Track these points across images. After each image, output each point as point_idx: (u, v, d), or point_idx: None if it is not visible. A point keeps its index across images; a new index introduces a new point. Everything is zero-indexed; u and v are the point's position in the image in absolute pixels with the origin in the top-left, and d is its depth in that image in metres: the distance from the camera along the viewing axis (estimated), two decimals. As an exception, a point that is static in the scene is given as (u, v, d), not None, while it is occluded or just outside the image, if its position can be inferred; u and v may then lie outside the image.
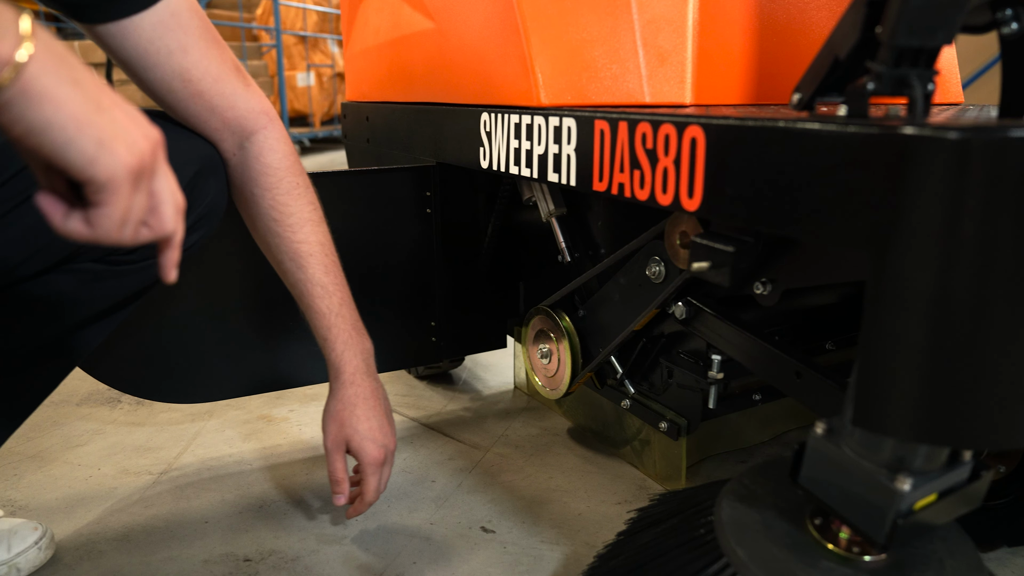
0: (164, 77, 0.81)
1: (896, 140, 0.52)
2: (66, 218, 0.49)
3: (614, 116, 0.80)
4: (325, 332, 0.95)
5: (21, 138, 0.45)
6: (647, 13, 0.95)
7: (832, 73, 0.64)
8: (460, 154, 1.13)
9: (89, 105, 0.46)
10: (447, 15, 1.13)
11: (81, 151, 0.45)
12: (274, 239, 0.92)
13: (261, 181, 0.90)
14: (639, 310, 1.02)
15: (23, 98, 0.43)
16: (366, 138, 1.54)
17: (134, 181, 0.49)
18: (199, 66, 0.82)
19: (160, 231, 0.53)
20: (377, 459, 0.95)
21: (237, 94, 0.87)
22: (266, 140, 0.89)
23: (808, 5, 1.09)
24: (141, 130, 0.49)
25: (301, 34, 5.85)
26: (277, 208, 0.91)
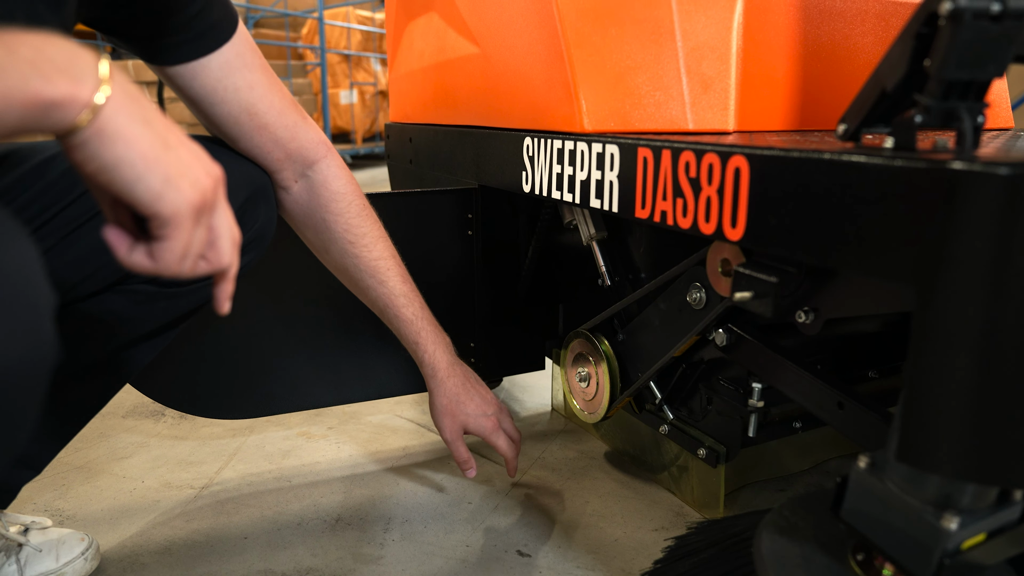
0: (232, 112, 0.85)
1: (945, 175, 0.52)
2: (131, 251, 0.51)
3: (657, 144, 0.81)
4: (415, 337, 1.04)
5: (93, 175, 0.47)
6: (691, 40, 0.95)
7: (879, 105, 0.64)
8: (502, 177, 1.14)
9: (158, 143, 0.48)
10: (492, 41, 1.15)
11: (148, 188, 0.48)
12: (352, 260, 0.98)
13: (332, 208, 0.94)
14: (679, 336, 1.01)
15: (98, 138, 0.46)
16: (409, 159, 1.56)
17: (196, 217, 0.51)
18: (264, 100, 0.87)
19: (217, 264, 0.55)
20: (494, 427, 1.06)
21: (298, 126, 0.91)
22: (328, 168, 0.94)
23: (853, 31, 1.08)
24: (204, 167, 0.52)
25: (345, 53, 5.95)
26: (351, 231, 0.96)
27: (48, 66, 0.44)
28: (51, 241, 0.78)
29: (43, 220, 0.77)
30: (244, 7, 5.67)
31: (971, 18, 0.54)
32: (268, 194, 0.90)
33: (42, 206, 0.76)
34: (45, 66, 0.44)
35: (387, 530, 1.06)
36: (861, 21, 1.10)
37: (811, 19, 1.06)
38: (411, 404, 1.51)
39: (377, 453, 1.30)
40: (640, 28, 0.96)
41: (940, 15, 0.55)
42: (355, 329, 1.20)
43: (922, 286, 0.54)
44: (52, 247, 0.78)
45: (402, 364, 1.24)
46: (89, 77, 0.45)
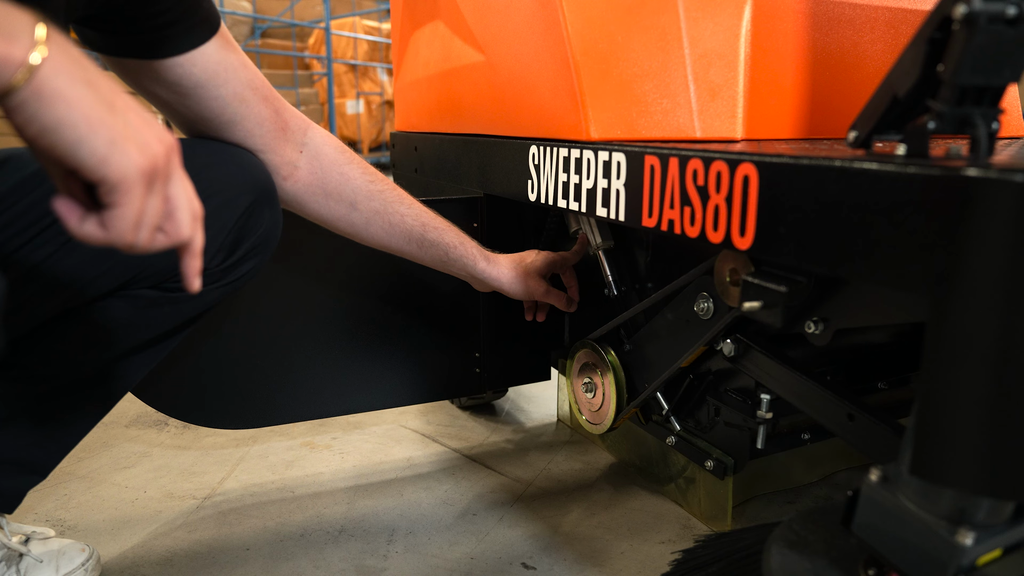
0: (236, 90, 0.85)
1: (959, 182, 0.51)
2: (82, 221, 0.49)
3: (664, 152, 0.80)
4: (462, 251, 1.07)
5: (35, 138, 0.46)
6: (699, 48, 0.95)
7: (890, 111, 0.63)
8: (508, 186, 1.13)
9: (101, 105, 0.47)
10: (498, 49, 1.14)
11: (92, 150, 0.46)
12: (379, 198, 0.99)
13: (341, 159, 0.97)
14: (687, 346, 1.00)
15: (36, 98, 0.45)
16: (415, 168, 1.55)
17: (147, 183, 0.49)
18: (259, 75, 0.88)
19: (176, 237, 0.54)
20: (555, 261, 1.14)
21: (286, 104, 0.93)
22: (318, 131, 0.97)
23: (863, 38, 1.07)
24: (155, 133, 0.50)
25: (351, 63, 5.97)
26: (368, 173, 0.99)
27: None
28: (52, 247, 0.77)
29: (43, 225, 0.76)
30: (251, 17, 5.69)
31: (986, 22, 0.53)
32: (272, 197, 0.89)
33: (42, 211, 0.76)
34: None
35: (391, 542, 1.05)
36: (871, 28, 1.09)
37: (820, 26, 1.05)
38: (416, 414, 1.50)
39: (381, 464, 1.29)
40: (647, 35, 0.95)
41: (954, 19, 0.54)
42: (360, 339, 1.19)
43: (936, 296, 0.53)
44: (53, 253, 0.77)
45: (407, 374, 1.23)
46: (23, 36, 0.44)
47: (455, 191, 1.32)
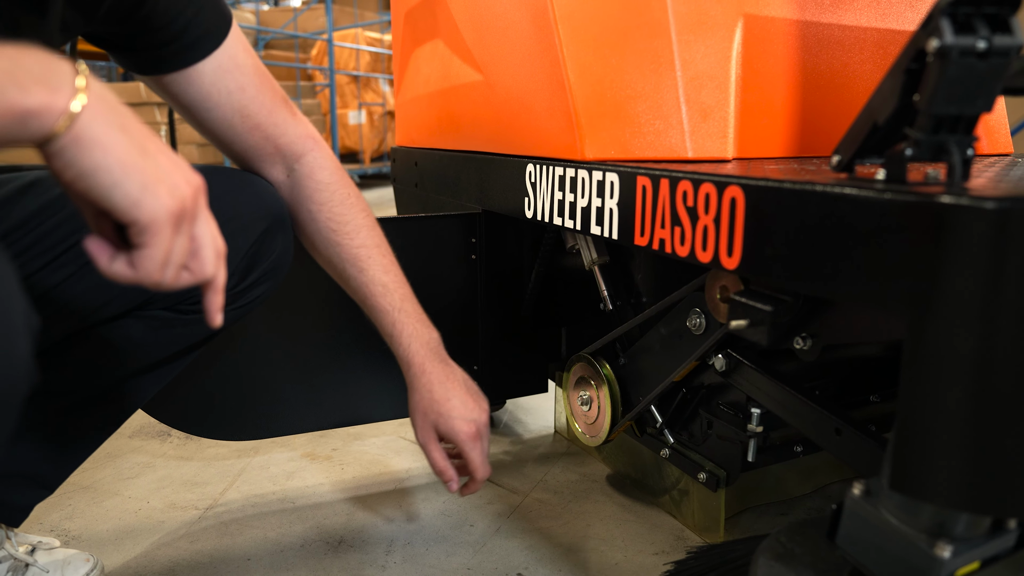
0: (225, 116, 0.86)
1: (934, 208, 0.53)
2: (111, 261, 0.52)
3: (656, 173, 0.82)
4: (390, 328, 0.97)
5: (71, 182, 0.48)
6: (690, 70, 0.97)
7: (871, 137, 0.65)
8: (505, 203, 1.15)
9: (135, 150, 0.49)
10: (495, 69, 1.16)
11: (126, 194, 0.49)
12: (334, 248, 0.96)
13: (316, 197, 0.94)
14: (679, 360, 1.02)
15: (75, 145, 0.47)
16: (415, 182, 1.58)
17: (175, 224, 0.52)
18: (255, 101, 0.88)
19: (200, 275, 0.56)
20: (470, 433, 0.96)
21: (287, 122, 0.92)
22: (315, 160, 0.95)
23: (851, 59, 1.10)
24: (184, 175, 0.53)
25: (354, 74, 6.01)
26: (334, 219, 0.95)
27: (25, 76, 0.45)
28: (72, 268, 0.79)
29: (66, 247, 0.79)
30: (255, 29, 5.74)
31: (958, 55, 0.56)
32: (285, 224, 0.92)
33: (65, 232, 0.78)
34: (22, 76, 0.45)
35: (389, 552, 1.07)
36: (859, 49, 1.11)
37: (809, 48, 1.07)
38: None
39: (380, 475, 1.31)
40: (640, 58, 0.97)
41: (928, 52, 0.57)
42: (359, 351, 1.21)
43: (913, 317, 0.55)
44: (73, 273, 0.80)
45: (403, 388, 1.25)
46: (65, 86, 0.47)
47: (454, 206, 1.34)
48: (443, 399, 0.96)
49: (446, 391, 0.96)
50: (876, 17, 1.13)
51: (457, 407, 0.96)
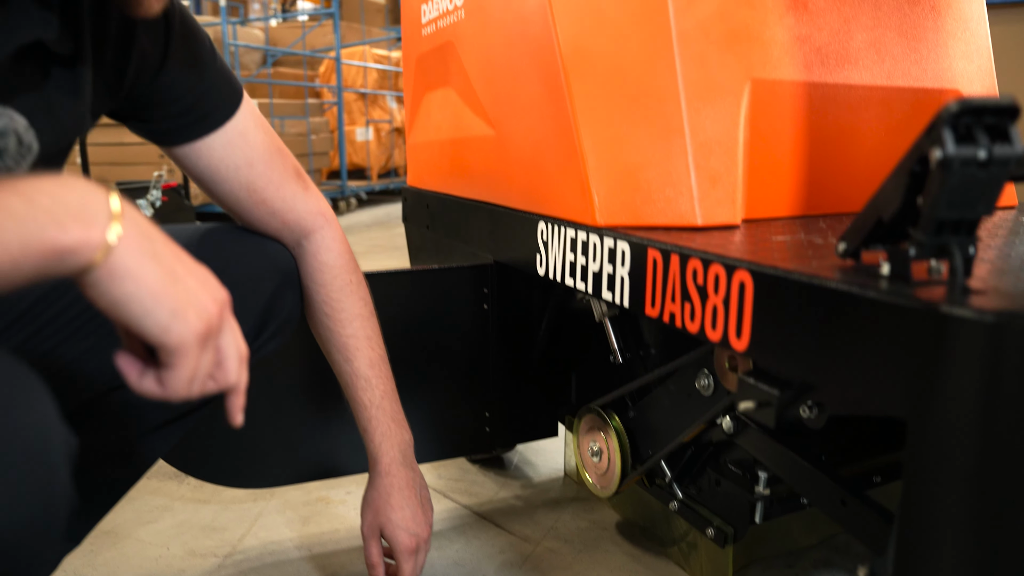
0: (232, 189, 0.89)
1: (934, 317, 0.55)
2: (141, 378, 0.55)
3: (667, 248, 0.84)
4: (365, 423, 1.02)
5: (105, 309, 0.51)
6: (699, 136, 0.99)
7: (876, 230, 0.67)
8: (517, 257, 1.18)
9: (165, 277, 0.51)
10: (508, 126, 1.19)
11: (156, 322, 0.51)
12: (325, 331, 0.99)
13: (316, 277, 0.96)
14: (688, 419, 1.04)
15: (109, 277, 0.49)
16: (426, 224, 1.60)
17: (202, 344, 0.54)
18: (263, 176, 0.90)
19: (224, 383, 0.59)
20: (408, 547, 1.01)
21: (297, 197, 0.94)
22: (323, 240, 0.97)
23: (858, 117, 1.12)
24: (211, 294, 0.55)
25: (361, 91, 6.05)
26: (329, 303, 0.97)
27: (63, 213, 0.47)
28: (92, 340, 0.82)
29: (86, 318, 0.82)
30: (263, 48, 5.78)
31: (959, 166, 0.58)
32: (295, 282, 0.94)
33: (85, 305, 0.81)
34: (61, 213, 0.47)
35: (404, 604, 1.09)
36: (865, 107, 1.14)
37: (815, 108, 1.09)
38: (426, 467, 1.54)
39: (394, 519, 1.33)
40: (650, 124, 1.00)
41: (931, 160, 0.59)
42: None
43: (914, 420, 0.57)
44: (93, 346, 0.82)
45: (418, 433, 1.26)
46: (101, 218, 0.49)
47: (465, 251, 1.37)
48: (397, 506, 1.02)
49: (402, 499, 1.02)
50: (882, 75, 1.16)
51: (406, 518, 1.01)
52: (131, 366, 0.54)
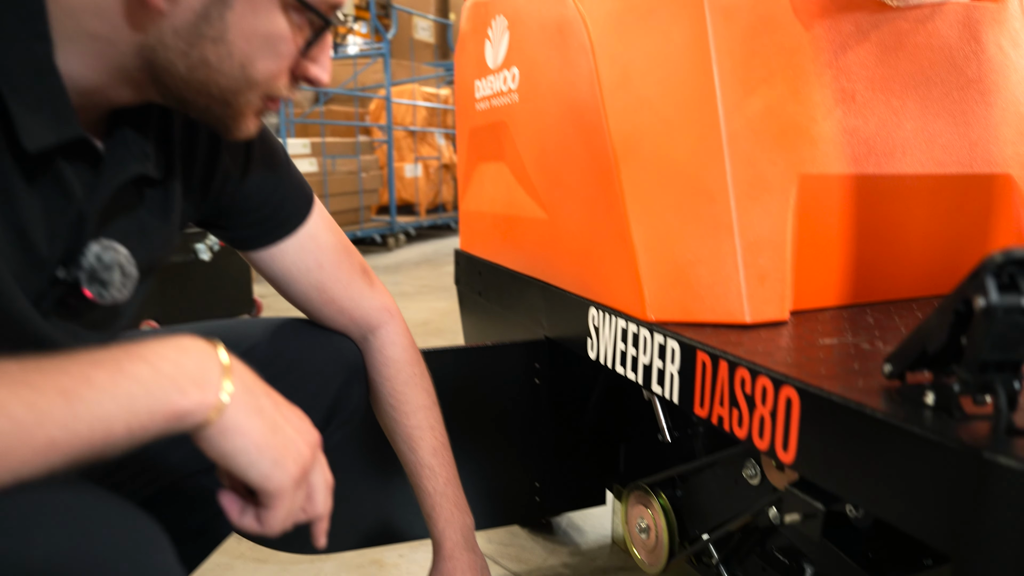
0: (303, 290, 0.94)
1: (978, 460, 0.57)
2: (241, 516, 0.60)
3: (716, 353, 0.87)
4: (429, 509, 1.05)
5: (214, 460, 0.56)
6: (748, 235, 1.02)
7: (921, 359, 0.70)
8: (568, 337, 1.21)
9: (268, 430, 0.57)
10: (560, 212, 1.23)
11: (259, 471, 0.57)
12: (390, 421, 1.03)
13: (382, 371, 1.01)
14: (735, 505, 1.06)
15: (220, 434, 0.55)
16: (478, 291, 1.65)
17: (297, 486, 0.60)
18: (332, 277, 0.95)
19: (313, 514, 0.64)
20: None
21: (363, 295, 0.99)
22: (388, 335, 1.01)
23: (906, 206, 1.14)
24: (305, 439, 0.61)
25: (411, 129, 6.18)
26: (395, 396, 1.01)
27: (184, 378, 0.53)
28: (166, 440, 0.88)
29: None
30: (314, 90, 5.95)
31: (1003, 314, 0.60)
32: (361, 374, 0.99)
33: None
34: (182, 380, 0.53)
35: None
36: (915, 195, 1.15)
37: (864, 199, 1.11)
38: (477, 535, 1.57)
39: (444, 585, 1.37)
40: (700, 221, 1.03)
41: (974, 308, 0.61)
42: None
43: (958, 556, 0.59)
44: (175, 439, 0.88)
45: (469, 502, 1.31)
46: (215, 380, 0.55)
47: (516, 325, 1.41)
48: None
49: None
50: (932, 163, 1.17)
51: None
52: (232, 505, 0.59)
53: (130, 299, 0.68)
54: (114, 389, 0.49)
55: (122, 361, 0.51)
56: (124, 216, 0.69)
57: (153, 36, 0.59)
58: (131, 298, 0.69)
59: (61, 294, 0.63)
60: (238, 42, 0.60)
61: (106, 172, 0.64)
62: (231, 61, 0.61)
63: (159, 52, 0.59)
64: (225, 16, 0.59)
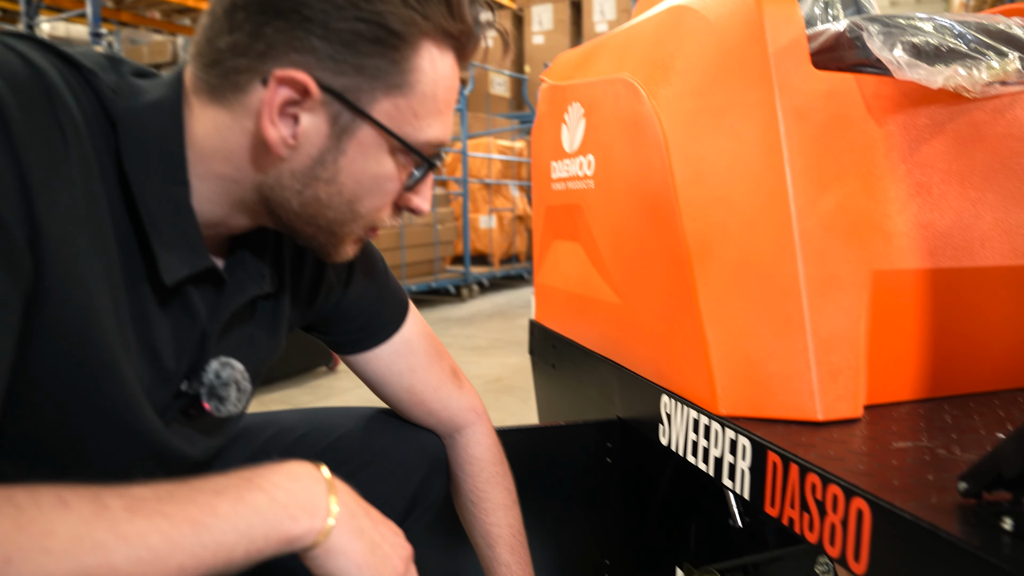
0: (395, 392, 0.99)
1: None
2: None
3: (787, 455, 0.88)
4: None
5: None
6: (820, 332, 1.03)
7: (997, 481, 0.70)
8: (640, 420, 1.23)
9: (368, 550, 0.62)
10: (633, 299, 1.26)
11: None
12: (470, 517, 1.06)
13: (465, 468, 1.05)
14: (809, 602, 1.06)
15: (325, 554, 0.60)
16: (552, 363, 1.68)
17: None
18: (422, 380, 1.00)
19: None
20: None
21: (452, 397, 1.03)
22: (473, 435, 1.05)
23: (984, 298, 1.13)
24: (399, 554, 0.65)
25: (486, 181, 6.32)
26: (476, 493, 1.05)
27: (296, 507, 0.58)
28: None
29: None
30: (397, 141, 6.14)
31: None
32: (443, 468, 1.03)
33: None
34: (294, 507, 0.58)
35: None
36: (992, 286, 1.14)
37: (940, 293, 1.11)
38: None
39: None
40: (772, 318, 1.04)
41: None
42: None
43: None
44: None
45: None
46: (323, 506, 0.60)
47: (588, 400, 1.44)
48: None
49: None
50: (1011, 254, 1.16)
51: None
52: None
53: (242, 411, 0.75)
54: (235, 518, 0.55)
55: (242, 490, 0.56)
56: (238, 330, 0.76)
57: (272, 176, 0.65)
58: (244, 410, 0.75)
59: (183, 405, 0.70)
60: (348, 182, 0.66)
61: (227, 294, 0.71)
62: (340, 198, 0.67)
63: (276, 190, 0.66)
64: (338, 160, 0.65)
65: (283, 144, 0.63)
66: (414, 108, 0.66)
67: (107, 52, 0.68)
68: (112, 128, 0.62)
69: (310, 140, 0.65)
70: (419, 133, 0.68)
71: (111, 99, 0.63)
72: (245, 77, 0.63)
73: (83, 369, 0.60)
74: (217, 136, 0.65)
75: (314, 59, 0.62)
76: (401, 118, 0.66)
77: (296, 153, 0.64)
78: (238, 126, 0.64)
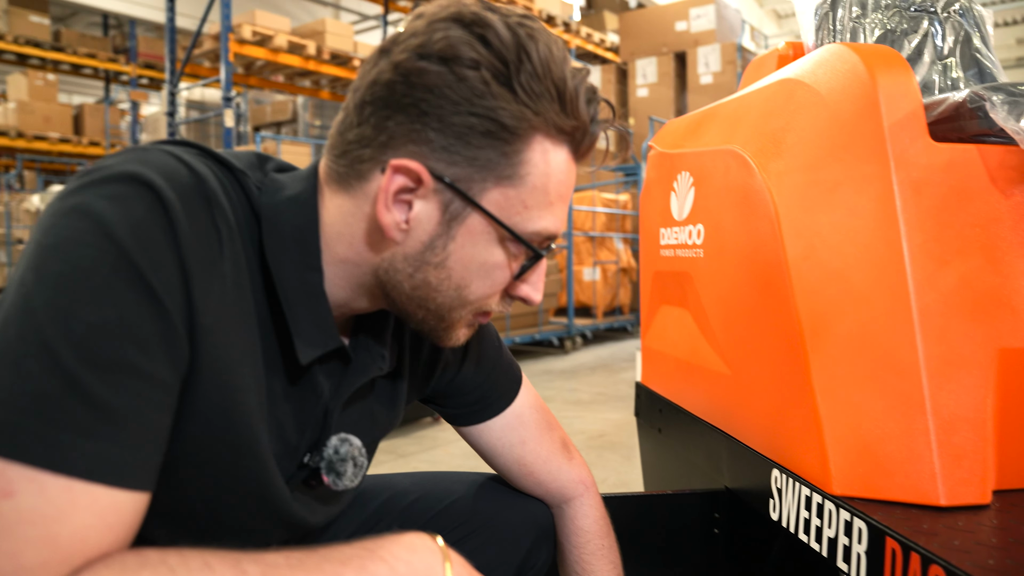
0: (506, 463, 1.02)
1: None
2: None
3: (907, 543, 0.86)
4: None
5: None
6: (942, 413, 1.00)
7: None
8: (749, 493, 1.22)
9: None
10: (744, 370, 1.26)
11: None
12: None
13: (572, 539, 1.06)
14: None
15: None
16: (658, 427, 1.68)
17: None
18: (532, 452, 1.02)
19: None
20: None
21: (561, 469, 1.05)
22: (581, 507, 1.06)
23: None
24: None
25: (590, 234, 6.36)
26: (581, 564, 1.05)
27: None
28: None
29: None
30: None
31: None
32: (550, 536, 1.05)
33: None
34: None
35: None
36: None
37: (1075, 372, 1.06)
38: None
39: None
40: (890, 397, 1.02)
41: None
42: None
43: None
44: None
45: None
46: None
47: (694, 467, 1.42)
48: None
49: None
50: None
51: None
52: None
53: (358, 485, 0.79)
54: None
55: (365, 560, 0.60)
56: (359, 406, 0.81)
57: (386, 260, 0.70)
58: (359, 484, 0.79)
59: (305, 476, 0.75)
60: (457, 268, 0.70)
61: (350, 374, 0.76)
62: (449, 283, 0.71)
63: (390, 273, 0.71)
64: (448, 246, 0.69)
65: (396, 228, 0.68)
66: (524, 199, 0.69)
67: (255, 152, 0.75)
68: (257, 222, 0.69)
69: (422, 225, 0.69)
70: (528, 224, 0.70)
71: (256, 196, 0.69)
72: (368, 166, 0.68)
73: (228, 445, 0.65)
74: (342, 221, 0.71)
75: (429, 150, 0.66)
76: (511, 208, 0.69)
77: (409, 237, 0.69)
78: (359, 212, 0.70)
